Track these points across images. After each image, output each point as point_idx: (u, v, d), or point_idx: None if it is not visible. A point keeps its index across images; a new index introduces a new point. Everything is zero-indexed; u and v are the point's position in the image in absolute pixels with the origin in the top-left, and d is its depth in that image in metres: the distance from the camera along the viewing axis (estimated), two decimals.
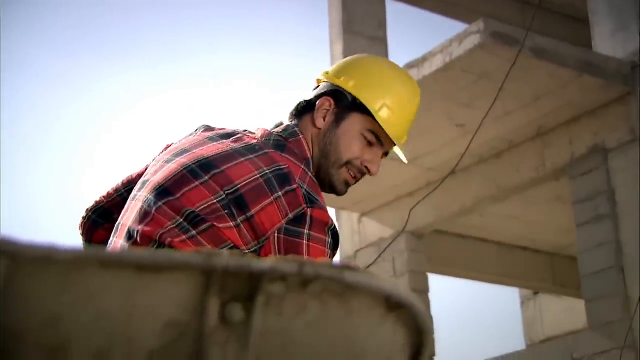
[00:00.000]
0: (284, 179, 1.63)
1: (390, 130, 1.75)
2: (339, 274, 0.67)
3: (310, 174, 1.69)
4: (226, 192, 1.59)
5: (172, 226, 1.57)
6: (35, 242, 0.58)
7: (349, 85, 1.76)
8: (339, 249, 1.74)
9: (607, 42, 5.18)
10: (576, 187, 5.20)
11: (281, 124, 1.83)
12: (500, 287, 7.51)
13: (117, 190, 1.81)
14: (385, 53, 6.61)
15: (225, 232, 1.57)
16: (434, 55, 4.91)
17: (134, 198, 1.69)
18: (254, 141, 1.72)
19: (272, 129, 1.79)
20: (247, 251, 1.57)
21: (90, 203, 1.85)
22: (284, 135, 1.75)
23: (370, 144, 1.76)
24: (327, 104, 1.77)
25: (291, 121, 1.80)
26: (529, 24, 4.79)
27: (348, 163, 1.75)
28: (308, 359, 0.67)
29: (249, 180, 1.61)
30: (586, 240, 5.08)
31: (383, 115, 1.74)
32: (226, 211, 1.58)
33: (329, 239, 1.63)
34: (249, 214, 1.58)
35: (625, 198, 4.96)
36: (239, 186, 1.60)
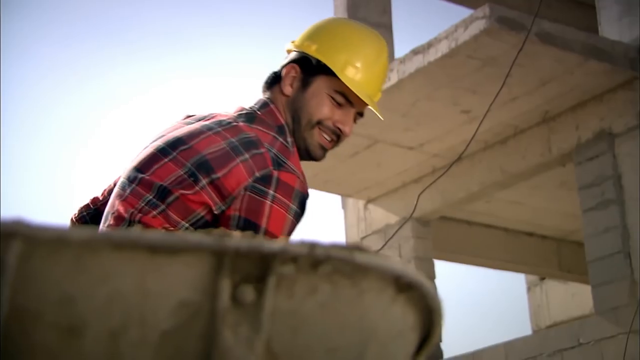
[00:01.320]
0: (250, 144, 1.67)
1: (357, 88, 1.76)
2: (349, 255, 0.67)
3: (281, 139, 1.72)
4: (192, 163, 1.64)
5: (142, 204, 1.64)
6: (48, 224, 0.59)
7: (312, 49, 1.79)
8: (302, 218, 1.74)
9: (614, 26, 5.16)
10: (582, 173, 5.19)
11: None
12: (506, 273, 7.52)
13: (110, 191, 1.83)
14: (390, 39, 6.60)
15: (192, 198, 1.61)
16: (439, 41, 4.90)
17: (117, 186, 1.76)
18: (225, 117, 1.76)
19: (247, 105, 1.82)
20: (216, 212, 1.61)
21: (83, 202, 1.87)
22: (255, 108, 1.78)
23: (339, 104, 1.77)
24: (293, 71, 1.79)
25: (264, 94, 1.82)
26: (535, 9, 4.77)
27: (319, 123, 1.76)
28: (319, 340, 0.68)
29: (215, 149, 1.65)
30: (592, 226, 5.08)
31: (348, 74, 1.76)
32: (192, 178, 1.62)
33: (294, 206, 1.64)
34: (214, 177, 1.62)
35: (632, 183, 4.96)
36: (205, 154, 1.64)
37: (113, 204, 1.70)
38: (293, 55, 1.81)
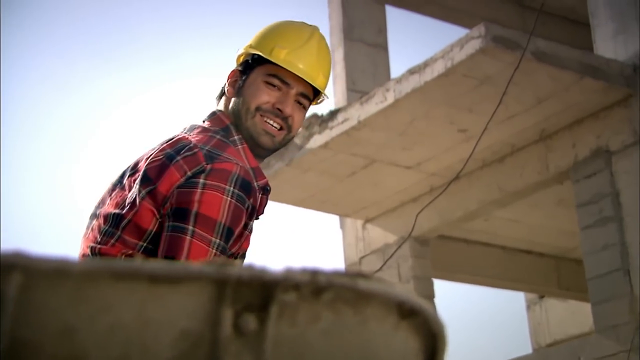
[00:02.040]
0: (183, 147, 1.70)
1: (290, 65, 1.79)
2: (352, 282, 0.67)
3: (218, 137, 1.75)
4: (137, 183, 1.69)
5: (100, 237, 1.70)
6: (48, 255, 0.58)
7: (247, 48, 1.85)
8: (263, 209, 1.77)
9: (609, 44, 5.18)
10: (580, 190, 5.19)
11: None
12: (505, 291, 7.50)
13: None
14: (386, 59, 6.62)
15: (140, 216, 1.66)
16: (435, 60, 4.91)
17: None
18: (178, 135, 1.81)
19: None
20: (160, 220, 1.65)
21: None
22: (203, 119, 1.84)
23: (276, 87, 1.80)
24: (234, 74, 1.86)
25: (216, 106, 1.89)
26: (530, 27, 4.79)
27: (258, 110, 1.79)
28: None
29: (153, 162, 1.70)
30: (591, 243, 5.07)
31: (276, 53, 1.80)
32: (134, 195, 1.68)
33: (231, 188, 1.64)
34: (151, 187, 1.66)
35: (630, 200, 4.96)
36: (145, 170, 1.70)
37: (81, 245, 1.76)
38: (236, 63, 1.89)
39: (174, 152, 1.70)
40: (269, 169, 5.77)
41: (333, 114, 5.50)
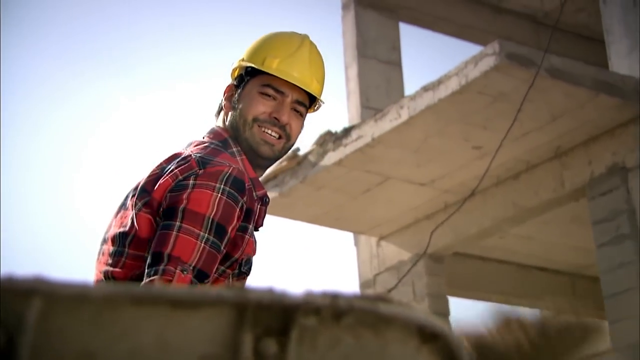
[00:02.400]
0: (177, 158, 1.73)
1: (283, 74, 1.80)
2: (372, 306, 0.66)
3: (213, 146, 1.77)
4: (137, 199, 1.72)
5: (111, 259, 1.71)
6: (68, 280, 0.58)
7: (239, 63, 1.87)
8: (258, 213, 1.75)
9: (623, 61, 5.16)
10: (596, 207, 5.15)
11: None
12: (521, 309, 7.43)
13: None
14: (400, 76, 6.62)
15: (141, 228, 1.68)
16: (450, 77, 4.91)
17: None
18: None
19: None
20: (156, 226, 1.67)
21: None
22: (202, 136, 1.86)
23: (271, 97, 1.82)
24: (230, 89, 1.88)
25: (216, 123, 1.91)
26: (544, 44, 4.78)
27: (255, 121, 1.81)
28: None
29: (150, 176, 1.74)
30: (607, 261, 5.03)
31: (268, 63, 1.82)
32: (134, 210, 1.71)
33: (221, 186, 1.65)
34: (147, 198, 1.69)
35: None
36: (143, 185, 1.73)
37: (94, 271, 1.78)
38: (232, 79, 1.91)
39: (169, 164, 1.74)
40: (282, 186, 5.77)
41: (347, 131, 5.50)
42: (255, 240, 1.77)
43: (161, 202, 1.68)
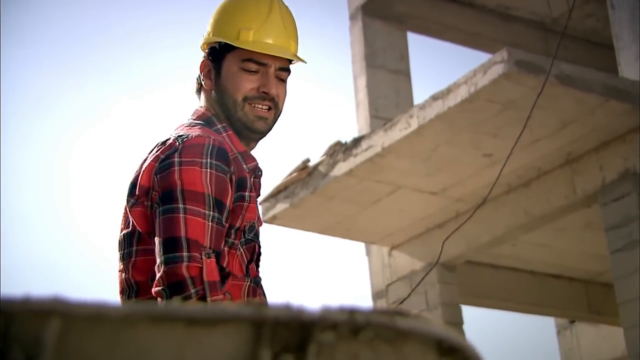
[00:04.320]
0: (159, 143, 1.71)
1: (256, 46, 1.76)
2: (390, 321, 0.66)
3: (195, 123, 1.75)
4: (127, 196, 1.71)
5: (125, 262, 1.70)
6: (85, 300, 0.58)
7: (210, 37, 1.82)
8: (254, 181, 1.74)
9: (633, 66, 5.15)
10: (608, 214, 5.13)
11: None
12: (535, 317, 7.40)
13: None
14: (408, 85, 6.62)
15: (140, 223, 1.66)
16: (459, 86, 4.90)
17: None
18: None
19: None
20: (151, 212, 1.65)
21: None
22: (188, 118, 1.83)
23: (254, 72, 1.77)
24: (206, 65, 1.83)
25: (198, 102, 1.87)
26: (553, 51, 4.77)
27: (245, 100, 1.77)
28: None
29: (137, 170, 1.72)
30: (621, 267, 5.00)
31: (244, 37, 1.76)
32: (127, 207, 1.70)
33: (208, 160, 1.63)
34: (135, 189, 1.68)
35: None
36: (131, 181, 1.72)
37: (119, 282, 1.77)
38: (203, 52, 1.85)
39: (151, 154, 1.73)
40: (293, 198, 5.77)
41: (357, 141, 5.50)
42: (257, 207, 1.75)
43: (149, 187, 1.65)
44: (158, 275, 1.57)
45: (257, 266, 1.77)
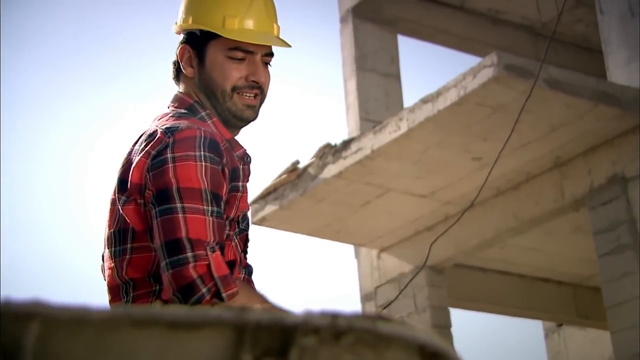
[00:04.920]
0: (145, 137, 1.66)
1: (244, 36, 1.72)
2: (372, 325, 0.66)
3: (178, 114, 1.70)
4: (117, 193, 1.66)
5: (116, 259, 1.65)
6: (67, 304, 0.58)
7: (189, 23, 1.76)
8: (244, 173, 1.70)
9: (622, 71, 5.17)
10: (597, 218, 5.15)
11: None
12: (523, 320, 7.42)
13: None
14: (398, 88, 6.63)
15: (134, 221, 1.62)
16: (448, 89, 4.92)
17: None
18: None
19: None
20: (145, 210, 1.61)
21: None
22: (167, 106, 1.78)
23: (241, 59, 1.73)
24: (186, 52, 1.77)
25: (177, 88, 1.81)
26: (542, 55, 4.79)
27: (234, 89, 1.73)
28: None
29: (123, 165, 1.68)
30: (609, 271, 5.02)
31: (229, 26, 1.72)
32: (119, 205, 1.64)
33: (201, 153, 1.59)
34: (126, 187, 1.63)
35: None
36: (118, 177, 1.67)
37: (107, 280, 1.72)
38: (180, 37, 1.79)
39: (138, 146, 1.67)
40: (282, 200, 5.77)
41: (346, 143, 5.51)
42: (247, 195, 1.73)
43: (141, 184, 1.61)
44: (166, 280, 1.54)
45: (246, 254, 1.74)
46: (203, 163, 1.58)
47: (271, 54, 1.77)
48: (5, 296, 0.55)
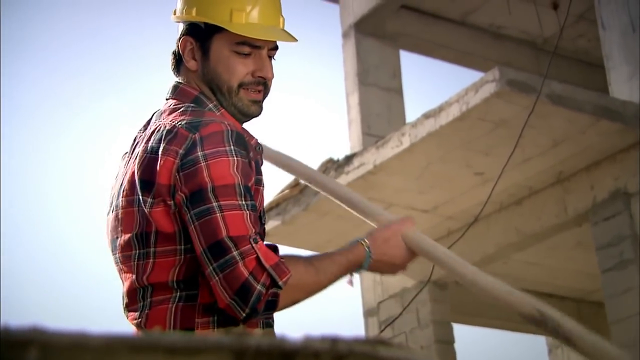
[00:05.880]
0: (161, 135, 1.60)
1: (252, 31, 1.66)
2: (372, 350, 0.65)
3: (191, 109, 1.64)
4: (137, 194, 1.60)
5: (137, 263, 1.59)
6: (65, 329, 0.57)
7: (193, 15, 1.70)
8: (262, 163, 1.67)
9: (624, 86, 5.18)
10: (599, 233, 5.14)
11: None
12: (526, 336, 7.39)
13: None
14: (401, 103, 6.64)
15: (161, 224, 1.56)
16: (450, 104, 4.92)
17: None
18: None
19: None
20: (175, 212, 1.55)
21: None
22: (166, 98, 1.72)
23: (247, 54, 1.68)
24: (188, 44, 1.71)
25: (175, 79, 1.76)
26: (544, 70, 4.80)
27: (241, 85, 1.68)
28: None
29: (141, 164, 1.61)
30: (612, 287, 5.01)
31: (237, 20, 1.66)
32: (143, 207, 1.58)
33: (231, 147, 1.55)
34: (152, 188, 1.57)
35: None
36: (138, 177, 1.60)
37: (123, 286, 1.66)
38: (181, 27, 1.73)
39: (154, 143, 1.61)
40: (285, 215, 5.77)
41: (349, 158, 5.51)
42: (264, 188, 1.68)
43: (170, 184, 1.54)
44: (218, 287, 1.48)
45: None
46: (235, 158, 1.55)
47: (276, 48, 1.73)
48: (4, 323, 0.54)
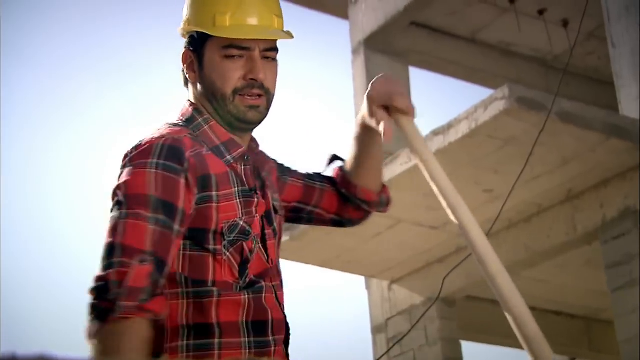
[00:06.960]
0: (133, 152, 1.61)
1: (240, 32, 1.64)
2: None
3: (167, 125, 1.65)
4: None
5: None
6: (71, 357, 0.57)
7: (187, 27, 1.71)
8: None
9: (634, 104, 5.17)
10: (609, 251, 5.12)
11: None
12: None
13: None
14: None
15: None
16: (460, 121, 4.92)
17: None
18: None
19: None
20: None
21: None
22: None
23: (237, 57, 1.65)
24: (187, 56, 1.71)
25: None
26: (554, 88, 4.79)
27: (235, 92, 1.65)
28: None
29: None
30: (622, 305, 4.98)
31: (220, 23, 1.64)
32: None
33: (154, 160, 1.55)
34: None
35: None
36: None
37: None
38: (183, 42, 1.74)
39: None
40: (293, 230, 5.77)
41: None
42: (238, 202, 1.62)
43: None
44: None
45: (246, 264, 1.62)
46: (153, 170, 1.54)
47: (274, 49, 1.69)
48: (10, 351, 0.55)
